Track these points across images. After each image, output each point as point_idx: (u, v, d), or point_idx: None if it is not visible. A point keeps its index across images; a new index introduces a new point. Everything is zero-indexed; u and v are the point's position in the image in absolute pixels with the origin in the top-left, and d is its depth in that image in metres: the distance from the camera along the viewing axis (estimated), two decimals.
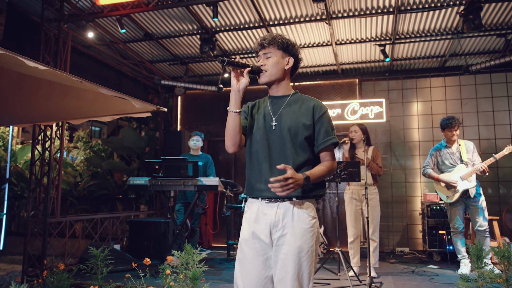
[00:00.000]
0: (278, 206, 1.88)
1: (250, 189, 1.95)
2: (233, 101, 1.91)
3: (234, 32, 5.87)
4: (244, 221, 1.97)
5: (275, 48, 2.02)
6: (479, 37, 5.85)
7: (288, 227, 1.85)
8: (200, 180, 4.85)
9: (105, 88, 2.74)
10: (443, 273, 5.05)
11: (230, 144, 1.93)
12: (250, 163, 1.98)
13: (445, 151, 4.96)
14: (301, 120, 1.95)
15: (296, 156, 1.92)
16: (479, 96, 6.72)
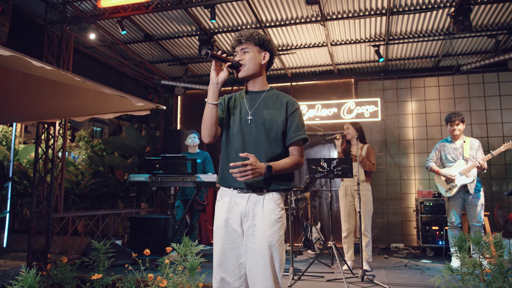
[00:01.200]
0: (249, 197, 1.98)
1: (223, 179, 2.05)
2: (211, 93, 1.96)
3: (231, 33, 6.03)
4: (217, 210, 2.06)
5: (252, 44, 2.08)
6: (470, 38, 6.01)
7: (258, 218, 1.95)
8: (199, 177, 5.01)
9: (106, 87, 2.90)
10: (434, 266, 5.20)
11: (206, 135, 1.99)
12: (225, 153, 2.07)
13: (449, 146, 5.09)
14: (275, 116, 2.06)
15: (269, 150, 2.02)
16: (471, 95, 6.87)
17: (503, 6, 5.14)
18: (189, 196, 5.78)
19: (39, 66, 2.28)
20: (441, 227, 6.02)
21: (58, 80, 2.88)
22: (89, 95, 3.34)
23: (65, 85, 3.15)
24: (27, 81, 3.07)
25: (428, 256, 6.00)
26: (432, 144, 6.98)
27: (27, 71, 2.70)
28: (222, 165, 2.08)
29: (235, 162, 1.92)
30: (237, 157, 1.96)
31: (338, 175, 4.58)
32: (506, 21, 5.53)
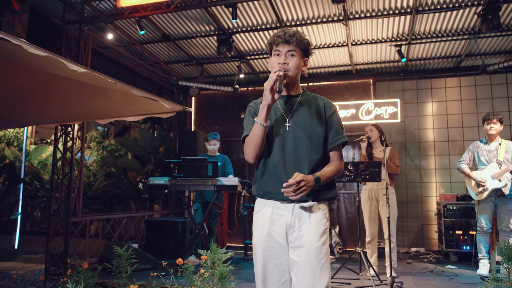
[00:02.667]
0: (294, 207, 1.86)
1: (263, 192, 1.91)
2: (264, 115, 1.80)
3: (250, 33, 5.91)
4: (257, 222, 1.94)
5: (298, 47, 1.91)
6: (496, 37, 5.85)
7: (304, 229, 1.84)
8: (220, 180, 4.90)
9: (136, 89, 2.79)
10: (461, 273, 5.06)
11: (253, 156, 1.87)
12: (262, 165, 1.92)
13: (483, 147, 4.92)
14: (315, 120, 1.94)
15: (311, 157, 1.89)
16: (494, 96, 6.72)
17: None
18: (208, 199, 5.67)
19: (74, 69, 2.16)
20: (465, 232, 5.86)
21: (88, 82, 2.77)
22: (116, 97, 3.23)
23: (92, 86, 3.05)
24: (53, 82, 2.97)
25: (452, 261, 5.85)
26: (454, 146, 6.83)
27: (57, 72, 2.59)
28: (260, 177, 1.93)
29: (275, 173, 1.87)
30: (275, 168, 1.88)
31: (366, 179, 4.46)
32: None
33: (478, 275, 4.84)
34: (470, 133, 6.74)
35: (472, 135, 6.69)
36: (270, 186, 1.87)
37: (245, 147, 1.88)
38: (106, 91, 3.14)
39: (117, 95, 3.20)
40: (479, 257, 4.99)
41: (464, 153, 5.11)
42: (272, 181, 1.87)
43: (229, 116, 7.89)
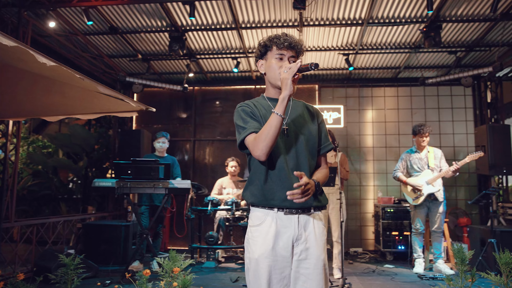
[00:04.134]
0: (299, 218, 1.80)
1: (265, 199, 1.81)
2: (284, 105, 1.71)
3: (204, 32, 5.77)
4: (259, 236, 1.80)
5: (298, 54, 1.92)
6: (433, 53, 6.33)
7: (311, 240, 1.80)
8: (171, 183, 4.72)
9: (103, 87, 2.58)
10: (400, 272, 5.38)
11: (267, 152, 1.71)
12: (264, 170, 1.83)
13: (415, 156, 5.31)
14: (310, 125, 1.94)
15: (310, 162, 1.88)
16: (427, 106, 7.27)
17: (467, 25, 5.46)
18: (156, 202, 5.44)
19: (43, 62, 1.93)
20: (401, 233, 6.26)
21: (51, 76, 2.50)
22: (72, 93, 2.96)
23: (47, 81, 2.76)
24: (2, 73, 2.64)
25: (388, 260, 6.21)
26: (390, 152, 7.27)
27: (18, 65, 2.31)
28: (261, 184, 1.82)
29: (280, 179, 1.78)
30: (280, 173, 1.79)
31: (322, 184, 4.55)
32: (466, 39, 5.90)
33: (414, 274, 5.19)
34: (405, 140, 7.21)
35: (407, 142, 7.17)
36: (275, 194, 1.79)
37: (257, 143, 1.71)
38: (61, 87, 2.86)
39: (73, 92, 2.93)
40: (415, 256, 5.37)
41: (397, 162, 5.47)
42: (278, 187, 1.79)
43: (174, 115, 7.65)
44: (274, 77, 1.87)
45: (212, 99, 7.70)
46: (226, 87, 7.66)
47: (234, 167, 6.35)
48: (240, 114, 1.86)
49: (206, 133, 7.60)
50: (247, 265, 1.82)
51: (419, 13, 5.25)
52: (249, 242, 1.83)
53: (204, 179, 7.20)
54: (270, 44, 1.88)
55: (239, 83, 7.64)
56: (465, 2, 4.96)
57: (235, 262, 5.96)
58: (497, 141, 6.03)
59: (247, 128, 1.79)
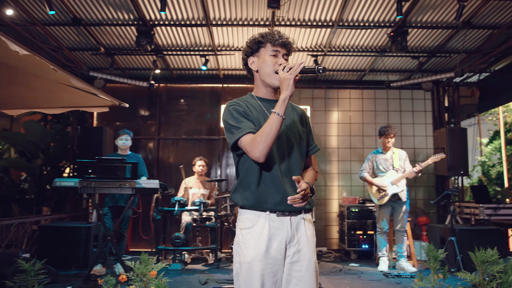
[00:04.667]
0: (291, 220, 1.77)
1: (258, 202, 1.76)
2: (285, 106, 1.67)
3: (174, 27, 5.60)
4: (251, 239, 1.74)
5: (289, 53, 1.89)
6: (398, 57, 6.52)
7: (303, 242, 1.77)
8: (139, 183, 4.53)
9: (76, 79, 2.41)
10: (366, 270, 5.49)
11: (266, 153, 1.66)
12: (257, 172, 1.77)
13: (380, 157, 5.44)
14: (299, 128, 1.91)
15: (300, 164, 1.86)
16: (390, 109, 7.49)
17: (431, 32, 5.67)
18: (120, 203, 5.21)
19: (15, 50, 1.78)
20: (365, 232, 6.40)
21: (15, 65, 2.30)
22: (38, 85, 2.76)
23: (10, 71, 2.55)
24: None
25: (353, 259, 6.33)
26: (354, 152, 7.42)
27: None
28: (254, 186, 1.77)
29: (273, 182, 1.75)
30: (274, 176, 1.75)
31: None
32: (429, 45, 6.12)
33: (379, 272, 5.32)
34: (369, 141, 7.39)
35: (370, 143, 7.35)
36: (268, 197, 1.75)
37: (256, 144, 1.65)
38: (26, 77, 2.65)
39: (39, 83, 2.73)
40: (379, 255, 5.50)
41: (364, 162, 5.60)
42: (271, 190, 1.75)
43: (138, 112, 7.39)
44: (269, 73, 1.81)
45: (178, 97, 7.51)
46: (192, 85, 7.50)
47: (201, 167, 6.23)
48: (232, 113, 1.78)
49: (171, 131, 7.40)
50: (237, 270, 1.76)
51: (387, 17, 5.38)
52: (240, 246, 1.77)
53: (169, 179, 7.01)
54: (264, 40, 1.84)
55: (206, 81, 7.51)
56: (431, 9, 5.14)
57: (201, 263, 5.84)
58: (455, 143, 6.32)
59: (242, 128, 1.72)
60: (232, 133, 1.74)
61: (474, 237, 5.22)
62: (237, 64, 6.95)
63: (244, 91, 7.43)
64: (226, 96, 7.44)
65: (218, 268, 5.44)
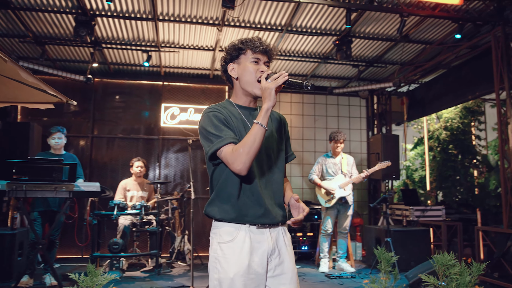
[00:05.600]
0: (270, 232, 1.73)
1: (240, 215, 1.69)
2: (268, 117, 1.60)
3: (117, 19, 5.25)
4: (232, 253, 1.66)
5: (270, 60, 1.83)
6: (340, 65, 6.77)
7: (283, 254, 1.74)
8: (77, 186, 4.16)
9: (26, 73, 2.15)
10: (307, 271, 5.61)
11: (249, 166, 1.59)
12: (237, 183, 1.70)
13: (330, 160, 5.59)
14: (279, 136, 1.88)
15: (280, 176, 1.83)
16: (328, 114, 7.75)
17: (372, 42, 5.97)
18: (53, 207, 4.76)
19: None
20: (305, 234, 6.54)
21: None
22: None
23: None
24: None
25: None
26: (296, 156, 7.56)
27: None
28: (234, 199, 1.69)
29: (253, 195, 1.69)
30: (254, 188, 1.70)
31: None
32: (368, 55, 6.44)
33: (321, 273, 5.47)
34: (308, 145, 7.59)
35: (310, 146, 7.55)
36: (249, 209, 1.68)
37: (239, 156, 1.57)
38: None
39: None
40: (321, 256, 5.66)
41: (314, 165, 5.73)
42: (251, 203, 1.69)
43: (69, 108, 6.81)
44: (251, 81, 1.75)
45: (115, 93, 7.07)
46: (131, 81, 7.11)
47: (140, 168, 5.93)
48: (212, 120, 1.68)
49: (107, 129, 6.94)
50: (216, 287, 1.66)
51: (333, 26, 5.54)
52: (220, 261, 1.67)
53: (103, 180, 6.56)
54: (244, 47, 1.77)
55: (146, 78, 7.17)
56: (374, 21, 5.40)
57: (140, 270, 5.55)
58: (388, 148, 6.71)
59: (223, 137, 1.63)
60: (211, 141, 1.65)
61: (407, 237, 5.60)
62: (181, 61, 6.73)
63: (185, 90, 7.27)
64: (167, 95, 7.17)
65: (159, 274, 5.20)
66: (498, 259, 4.57)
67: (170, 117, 7.04)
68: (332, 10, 5.14)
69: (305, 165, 7.54)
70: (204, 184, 6.93)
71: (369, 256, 6.12)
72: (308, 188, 7.50)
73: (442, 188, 7.99)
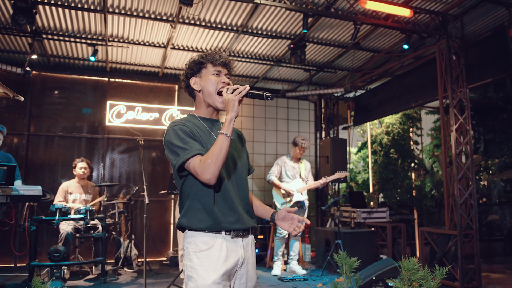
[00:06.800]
0: (243, 241, 1.78)
1: (216, 222, 1.72)
2: (231, 127, 1.67)
3: (61, 8, 4.86)
4: (209, 262, 1.69)
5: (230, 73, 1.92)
6: (292, 68, 6.84)
7: (250, 263, 1.81)
8: (16, 189, 3.77)
9: None
10: (259, 275, 5.57)
11: (217, 174, 1.63)
12: (211, 193, 1.73)
13: (289, 164, 5.58)
14: (241, 148, 1.97)
15: (246, 182, 1.90)
16: (278, 117, 7.81)
17: (325, 48, 6.10)
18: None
19: None
20: (255, 237, 6.52)
21: None
22: None
23: None
24: None
25: None
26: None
27: None
28: (209, 208, 1.72)
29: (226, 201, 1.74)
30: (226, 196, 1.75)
31: None
32: (320, 60, 6.57)
33: (273, 276, 5.47)
34: (258, 147, 7.58)
35: (260, 149, 7.55)
36: (224, 216, 1.73)
37: (207, 166, 1.60)
38: None
39: None
40: (275, 259, 5.66)
41: (273, 166, 5.72)
42: (225, 210, 1.74)
43: (2, 102, 6.20)
44: (212, 93, 1.82)
45: (55, 88, 6.56)
46: (73, 76, 6.64)
47: (83, 169, 5.54)
48: (177, 133, 1.72)
49: (45, 127, 6.41)
50: None
51: (289, 30, 5.58)
52: (196, 269, 1.68)
53: (41, 182, 6.06)
54: (204, 61, 1.87)
55: (90, 73, 6.73)
56: (328, 27, 5.51)
57: (82, 278, 5.18)
58: (337, 152, 6.90)
59: (189, 150, 1.67)
60: (178, 154, 1.68)
61: (355, 239, 5.77)
62: (129, 57, 6.41)
63: (133, 88, 6.95)
64: (113, 92, 6.80)
65: (105, 282, 4.88)
66: (440, 258, 4.85)
67: (116, 116, 6.67)
68: (289, 14, 5.16)
69: (256, 167, 7.53)
70: (154, 186, 6.63)
71: (318, 257, 6.23)
72: (258, 190, 7.48)
73: (383, 190, 8.37)
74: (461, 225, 4.71)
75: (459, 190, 4.85)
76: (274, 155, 7.64)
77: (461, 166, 4.95)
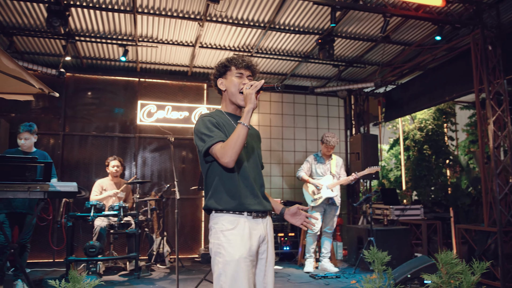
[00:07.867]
0: (263, 221, 2.01)
1: (240, 203, 1.95)
2: (249, 117, 1.89)
3: (92, 10, 4.99)
4: (235, 239, 1.91)
5: (254, 74, 2.15)
6: (320, 64, 6.75)
7: (269, 240, 2.03)
8: (53, 186, 3.89)
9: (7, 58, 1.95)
10: (291, 272, 5.53)
11: (235, 158, 1.85)
12: (234, 177, 1.97)
13: (320, 161, 5.52)
14: (258, 143, 2.22)
15: (261, 171, 2.15)
16: (308, 114, 7.73)
17: (354, 42, 5.99)
18: (18, 209, 4.42)
19: None
20: (286, 234, 6.48)
21: None
22: None
23: None
24: None
25: (275, 261, 6.33)
26: (274, 155, 7.50)
27: None
28: (233, 190, 1.95)
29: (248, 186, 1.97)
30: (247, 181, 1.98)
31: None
32: (348, 55, 6.46)
33: (306, 273, 5.41)
34: (288, 144, 7.54)
35: (289, 146, 7.50)
36: (246, 198, 1.95)
37: (226, 151, 1.84)
38: None
39: None
40: (307, 256, 5.60)
41: (303, 163, 5.66)
42: (248, 192, 1.96)
43: (38, 104, 6.43)
44: (234, 93, 2.06)
45: (87, 89, 6.75)
46: (105, 77, 6.81)
47: (116, 167, 5.67)
48: (205, 123, 1.97)
49: (79, 127, 6.61)
50: (220, 270, 1.87)
51: (316, 25, 5.51)
52: (224, 246, 1.90)
53: (76, 180, 6.11)
54: (229, 64, 2.10)
55: (121, 74, 6.89)
56: (357, 21, 5.40)
57: (117, 273, 5.30)
58: (368, 148, 6.76)
59: (213, 137, 1.91)
60: (204, 141, 1.92)
61: (388, 237, 5.63)
62: (158, 57, 6.51)
63: (163, 87, 7.05)
64: (143, 91, 6.93)
65: (139, 278, 4.97)
66: (479, 256, 4.65)
67: (147, 115, 6.80)
68: (316, 8, 5.09)
69: (285, 164, 7.49)
70: (184, 184, 6.70)
71: (350, 255, 6.12)
72: (288, 188, 7.44)
73: (417, 187, 8.13)
74: (501, 221, 4.50)
75: (498, 186, 4.64)
76: (303, 152, 7.57)
77: (500, 160, 4.74)
